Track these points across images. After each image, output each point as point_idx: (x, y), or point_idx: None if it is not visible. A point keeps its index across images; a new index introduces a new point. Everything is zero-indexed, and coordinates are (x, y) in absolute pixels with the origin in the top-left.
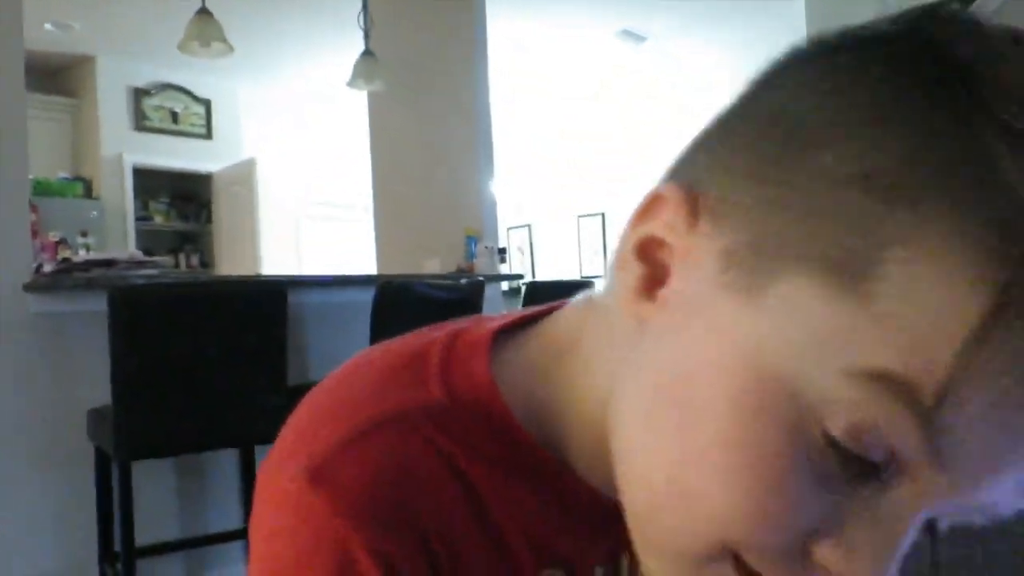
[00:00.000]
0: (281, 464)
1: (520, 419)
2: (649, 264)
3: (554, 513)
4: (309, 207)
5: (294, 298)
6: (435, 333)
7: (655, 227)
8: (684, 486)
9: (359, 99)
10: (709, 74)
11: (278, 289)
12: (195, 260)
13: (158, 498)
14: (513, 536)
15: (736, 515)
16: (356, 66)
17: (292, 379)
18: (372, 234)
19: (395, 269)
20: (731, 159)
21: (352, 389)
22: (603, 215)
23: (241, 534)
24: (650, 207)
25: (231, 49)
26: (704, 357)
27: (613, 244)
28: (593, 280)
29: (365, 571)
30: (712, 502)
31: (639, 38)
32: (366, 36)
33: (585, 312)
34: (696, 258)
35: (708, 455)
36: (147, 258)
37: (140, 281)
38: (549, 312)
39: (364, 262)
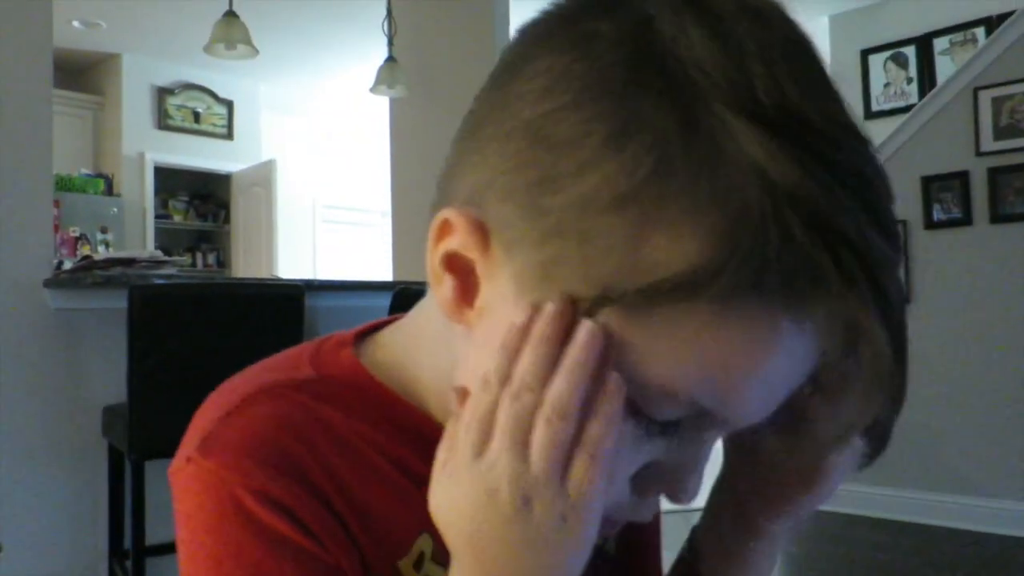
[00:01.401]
0: (179, 455)
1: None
2: (460, 275)
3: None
4: (327, 211)
5: (310, 301)
6: (304, 344)
7: (453, 244)
8: None
9: (380, 104)
10: None
11: (296, 292)
12: (211, 259)
13: (170, 498)
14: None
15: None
16: (380, 72)
17: None
18: (390, 240)
19: (412, 276)
20: (504, 182)
21: (231, 384)
22: None
23: None
24: (442, 229)
25: (256, 52)
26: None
27: None
28: None
29: (254, 512)
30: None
31: None
32: (390, 43)
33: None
34: (495, 278)
35: None
36: (167, 258)
37: (160, 280)
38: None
39: (380, 268)
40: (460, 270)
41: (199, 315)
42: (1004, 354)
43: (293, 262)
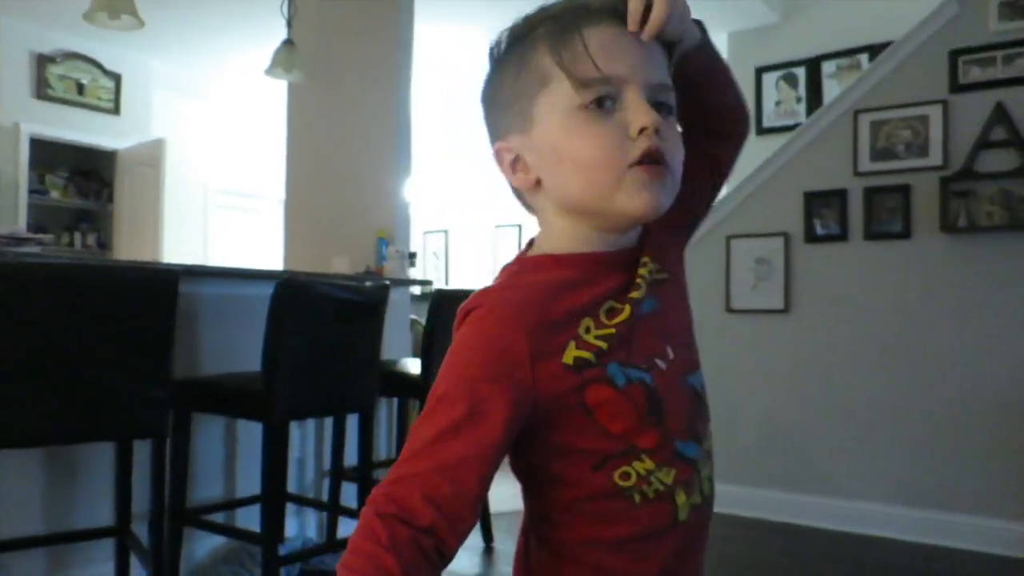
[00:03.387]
0: (461, 312)
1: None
2: (520, 168)
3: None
4: (219, 195)
5: (189, 288)
6: (510, 261)
7: (508, 157)
8: (584, 178)
9: (279, 88)
10: None
11: (169, 277)
12: (92, 240)
13: (23, 490)
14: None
15: (609, 141)
16: (276, 54)
17: (180, 372)
18: (282, 228)
19: (303, 266)
20: (494, 118)
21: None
22: (520, 227)
23: (111, 532)
24: (500, 152)
25: (141, 23)
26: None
27: None
28: None
29: (518, 350)
30: (587, 163)
31: None
32: (288, 24)
33: None
34: (525, 150)
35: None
36: (30, 235)
37: (21, 259)
38: None
39: (273, 256)
40: (519, 165)
41: (60, 297)
42: (873, 363)
43: (182, 247)
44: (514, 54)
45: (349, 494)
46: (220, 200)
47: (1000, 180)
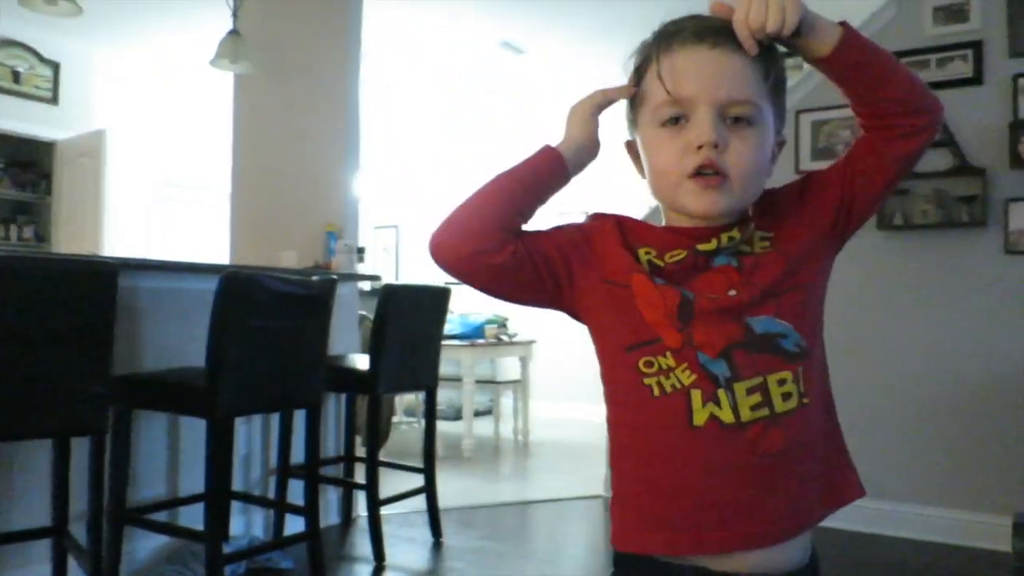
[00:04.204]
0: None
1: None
2: (637, 160)
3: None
4: (164, 187)
5: (130, 282)
6: None
7: (632, 150)
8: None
9: (225, 78)
10: (585, 89)
11: (108, 270)
12: (29, 233)
13: None
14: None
15: (674, 154)
16: (221, 45)
17: (121, 368)
18: (228, 222)
19: (250, 260)
20: (633, 125)
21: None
22: None
23: (48, 532)
24: (627, 145)
25: (79, 10)
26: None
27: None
28: (453, 286)
29: (610, 228)
30: (657, 171)
31: (517, 50)
32: (234, 15)
33: None
34: (639, 163)
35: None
36: None
37: None
38: None
39: (219, 250)
40: (637, 159)
41: None
42: None
43: (123, 240)
44: (636, 62)
45: (296, 491)
46: (164, 192)
47: (934, 179)
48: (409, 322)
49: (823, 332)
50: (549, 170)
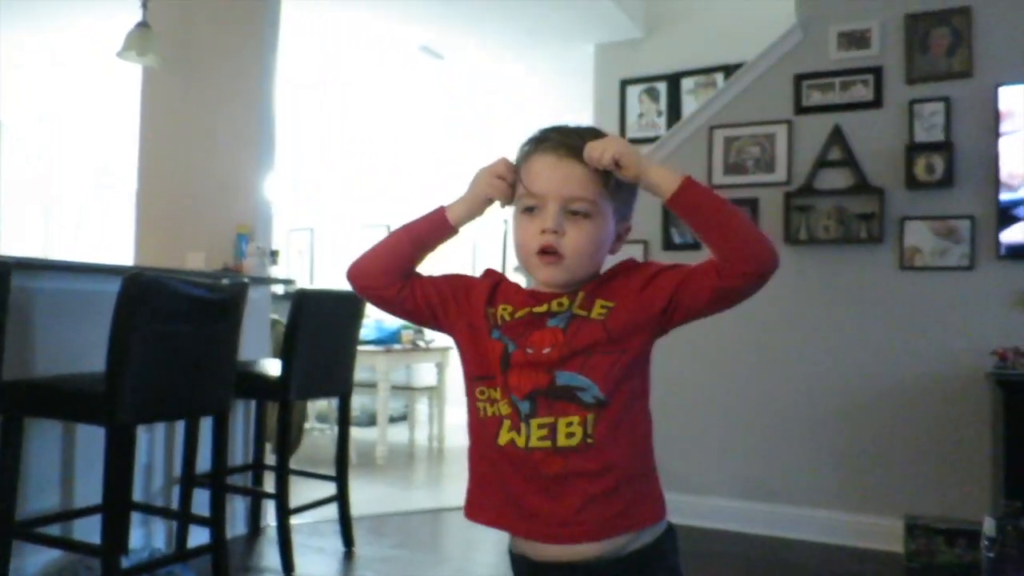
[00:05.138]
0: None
1: None
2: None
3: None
4: (65, 182)
5: (24, 282)
6: None
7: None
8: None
9: (134, 69)
10: (505, 95)
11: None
12: None
13: None
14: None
15: (528, 234)
16: (129, 37)
17: (11, 374)
18: (133, 220)
19: (155, 261)
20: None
21: None
22: (388, 227)
23: None
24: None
25: None
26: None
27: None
28: None
29: (484, 286)
30: (517, 244)
31: (437, 55)
32: (144, 6)
33: None
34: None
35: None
36: None
37: None
38: None
39: (123, 251)
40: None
41: None
42: (721, 367)
43: (19, 238)
44: (516, 161)
45: (201, 501)
46: (65, 187)
47: (836, 197)
48: (323, 327)
49: (645, 387)
50: (440, 231)
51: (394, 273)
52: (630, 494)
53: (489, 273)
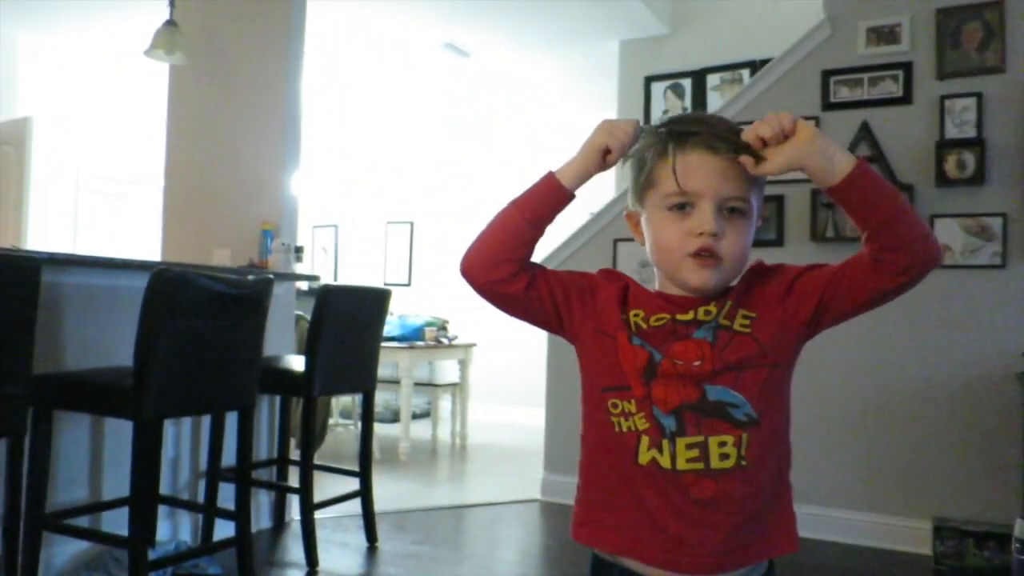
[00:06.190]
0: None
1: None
2: (638, 229)
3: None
4: (93, 179)
5: (54, 277)
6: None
7: (632, 220)
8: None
9: (160, 67)
10: (529, 92)
11: (30, 265)
12: None
13: None
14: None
15: (678, 235)
16: (156, 35)
17: (41, 367)
18: (160, 217)
19: (182, 257)
20: (636, 199)
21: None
22: (412, 224)
23: None
24: (628, 215)
25: None
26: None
27: (419, 253)
28: (393, 287)
29: (613, 288)
30: (663, 247)
31: (463, 53)
32: (171, 4)
33: None
34: (641, 233)
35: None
36: None
37: None
38: None
39: (150, 246)
40: (638, 229)
41: None
42: None
43: (49, 235)
44: (644, 147)
45: (226, 495)
46: (93, 184)
47: None
48: (347, 323)
49: (789, 403)
50: (555, 199)
51: (515, 260)
52: (772, 520)
53: (612, 273)
